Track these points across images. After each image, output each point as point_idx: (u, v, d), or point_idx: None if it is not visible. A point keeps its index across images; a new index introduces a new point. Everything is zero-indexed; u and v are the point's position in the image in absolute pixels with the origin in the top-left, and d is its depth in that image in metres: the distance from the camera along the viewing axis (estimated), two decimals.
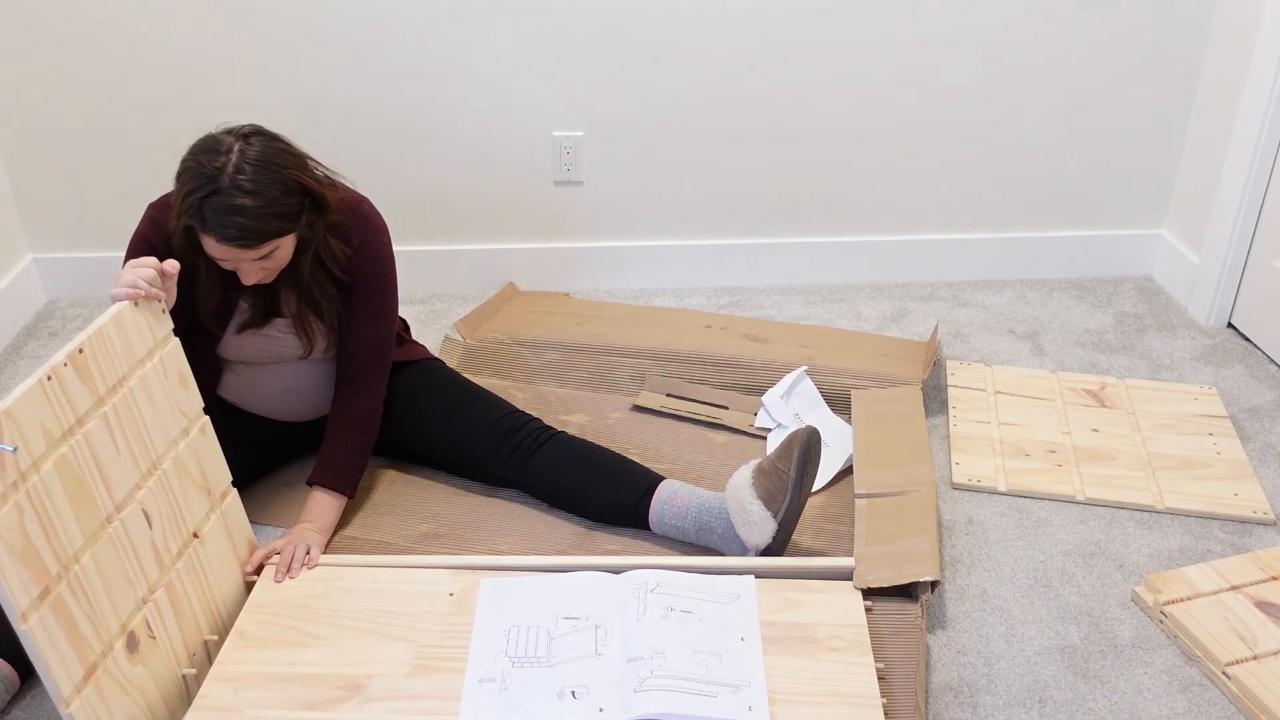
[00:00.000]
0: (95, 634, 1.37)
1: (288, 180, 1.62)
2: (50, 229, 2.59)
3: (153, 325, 1.55)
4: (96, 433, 1.41)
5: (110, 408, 1.44)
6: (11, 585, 1.25)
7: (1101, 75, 2.53)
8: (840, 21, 2.44)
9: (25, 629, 1.27)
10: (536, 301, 2.59)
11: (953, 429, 2.14)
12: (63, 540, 1.34)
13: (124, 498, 1.45)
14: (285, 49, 2.40)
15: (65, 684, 1.31)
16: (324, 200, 1.69)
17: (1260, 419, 2.19)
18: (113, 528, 1.42)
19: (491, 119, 2.51)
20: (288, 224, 1.64)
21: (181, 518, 1.56)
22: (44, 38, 2.36)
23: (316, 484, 1.82)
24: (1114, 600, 1.74)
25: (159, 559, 1.50)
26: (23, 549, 1.27)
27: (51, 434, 1.34)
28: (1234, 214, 2.41)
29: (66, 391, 1.37)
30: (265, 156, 1.61)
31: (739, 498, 1.72)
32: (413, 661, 1.52)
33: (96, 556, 1.39)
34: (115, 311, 1.48)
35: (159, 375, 1.54)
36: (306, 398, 1.92)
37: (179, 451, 1.57)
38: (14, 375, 2.35)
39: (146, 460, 1.50)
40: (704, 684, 1.45)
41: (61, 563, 1.33)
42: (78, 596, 1.35)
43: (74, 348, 1.40)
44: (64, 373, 1.37)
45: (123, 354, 1.48)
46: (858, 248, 2.71)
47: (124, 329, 1.48)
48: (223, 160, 1.58)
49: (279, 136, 1.67)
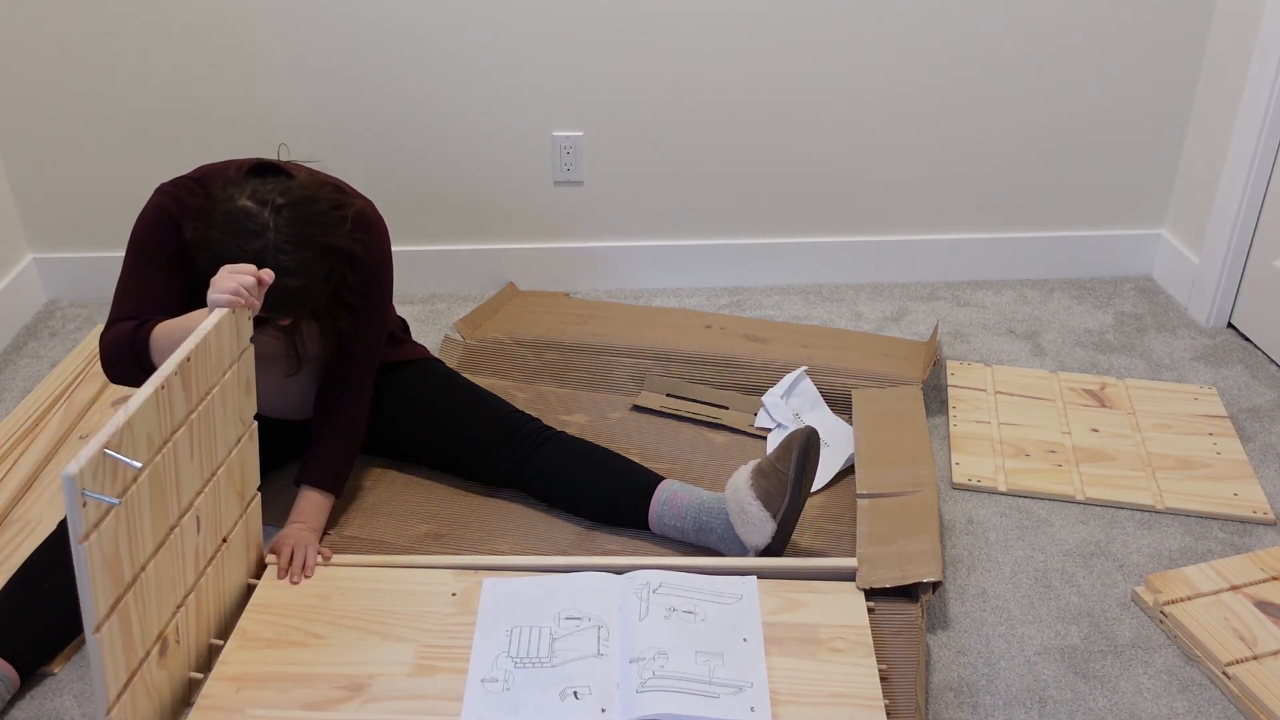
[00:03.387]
0: (141, 641, 1.37)
1: (322, 247, 1.61)
2: (50, 229, 2.59)
3: (240, 334, 1.53)
4: (181, 442, 1.40)
5: (196, 416, 1.43)
6: (97, 595, 1.25)
7: (1101, 75, 2.53)
8: (840, 22, 2.44)
9: (96, 638, 1.26)
10: (536, 301, 2.59)
11: (953, 429, 2.14)
12: (139, 550, 1.33)
13: (187, 505, 1.45)
14: (285, 49, 2.40)
15: (113, 691, 1.32)
16: (353, 253, 1.69)
17: (1260, 419, 2.19)
18: (174, 535, 1.42)
19: (491, 119, 2.51)
20: (327, 284, 1.65)
21: (220, 523, 1.56)
22: (44, 38, 2.36)
23: (307, 483, 1.81)
24: (1114, 600, 1.75)
25: (197, 565, 1.51)
26: (112, 559, 1.27)
27: (154, 443, 1.33)
28: (1234, 214, 2.42)
29: (171, 401, 1.36)
30: (299, 230, 1.58)
31: (738, 498, 1.73)
32: (415, 661, 1.53)
33: (158, 564, 1.39)
34: (217, 319, 1.45)
35: (234, 383, 1.53)
36: (304, 398, 1.92)
37: (232, 458, 1.57)
38: (14, 375, 2.35)
39: (209, 467, 1.50)
40: (706, 684, 1.46)
41: (134, 572, 1.33)
42: (138, 604, 1.35)
43: (183, 356, 1.37)
44: (174, 382, 1.36)
45: (215, 363, 1.46)
46: (858, 248, 2.71)
47: (221, 338, 1.46)
48: (260, 243, 1.55)
49: (304, 198, 1.61)
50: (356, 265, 1.75)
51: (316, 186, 1.66)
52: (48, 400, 2.19)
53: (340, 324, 1.78)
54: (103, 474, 1.23)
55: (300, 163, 1.75)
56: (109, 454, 1.23)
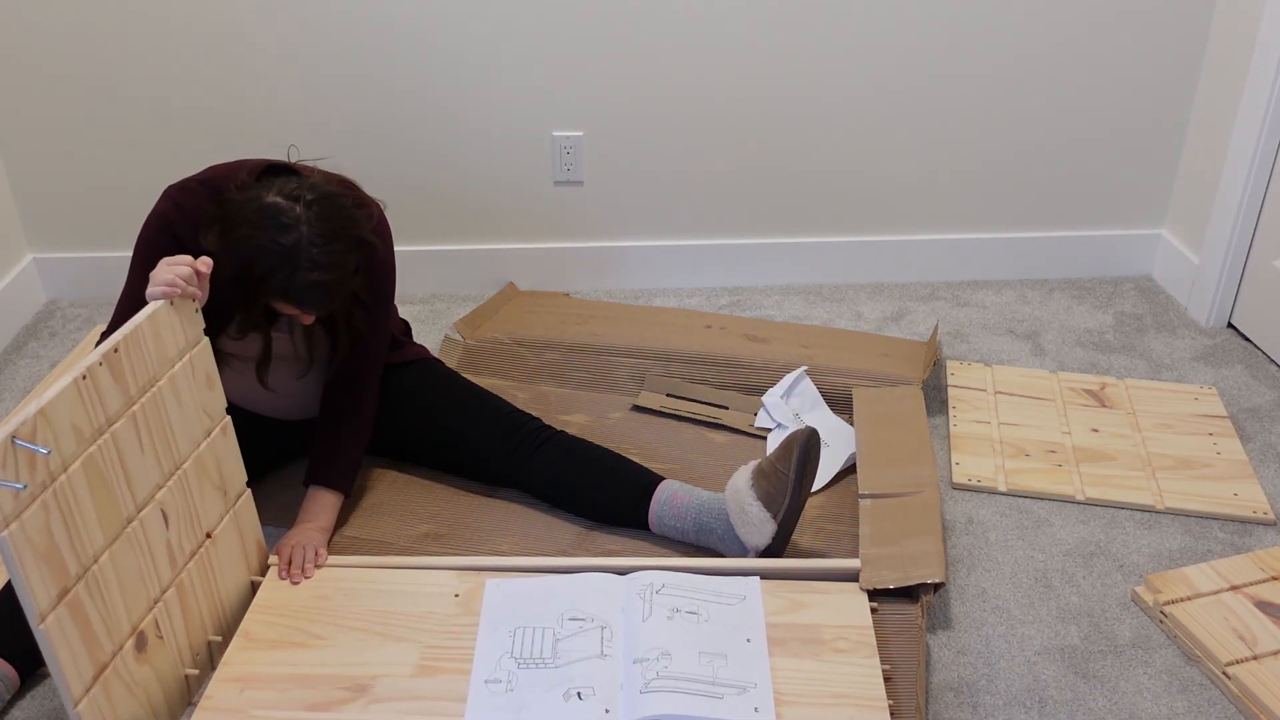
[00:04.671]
0: (108, 634, 1.37)
1: (353, 240, 1.63)
2: (50, 229, 2.58)
3: (185, 325, 1.53)
4: (124, 433, 1.39)
5: (139, 408, 1.42)
6: (33, 585, 1.25)
7: (1101, 75, 2.53)
8: (840, 22, 2.44)
9: (42, 629, 1.26)
10: (536, 301, 2.60)
11: (953, 429, 2.14)
12: (84, 540, 1.33)
13: (145, 498, 1.44)
14: (286, 49, 2.40)
15: (76, 684, 1.31)
16: (375, 249, 1.71)
17: (1260, 419, 2.19)
18: (132, 528, 1.41)
19: (491, 119, 2.51)
20: (355, 278, 1.67)
21: (197, 518, 1.56)
22: (44, 38, 2.36)
23: (317, 483, 1.82)
24: (1114, 600, 1.75)
25: (172, 559, 1.50)
26: (46, 549, 1.27)
27: (82, 434, 1.32)
28: (1234, 214, 2.42)
29: (100, 391, 1.35)
30: (331, 224, 1.60)
31: (738, 498, 1.73)
32: (418, 662, 1.53)
33: (114, 557, 1.38)
34: (151, 311, 1.45)
35: (187, 375, 1.53)
36: (305, 398, 1.92)
37: (200, 452, 1.56)
38: (14, 375, 2.34)
39: (170, 461, 1.49)
40: (710, 685, 1.46)
41: (81, 563, 1.32)
42: (94, 597, 1.34)
43: (109, 347, 1.37)
44: (99, 372, 1.35)
45: (155, 354, 1.46)
46: (858, 248, 2.71)
47: (158, 328, 1.46)
48: (294, 236, 1.56)
49: (331, 193, 1.63)
50: (373, 263, 1.76)
51: (335, 184, 1.68)
52: None
53: (355, 321, 1.79)
54: (11, 461, 1.22)
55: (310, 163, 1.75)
56: (18, 442, 1.23)
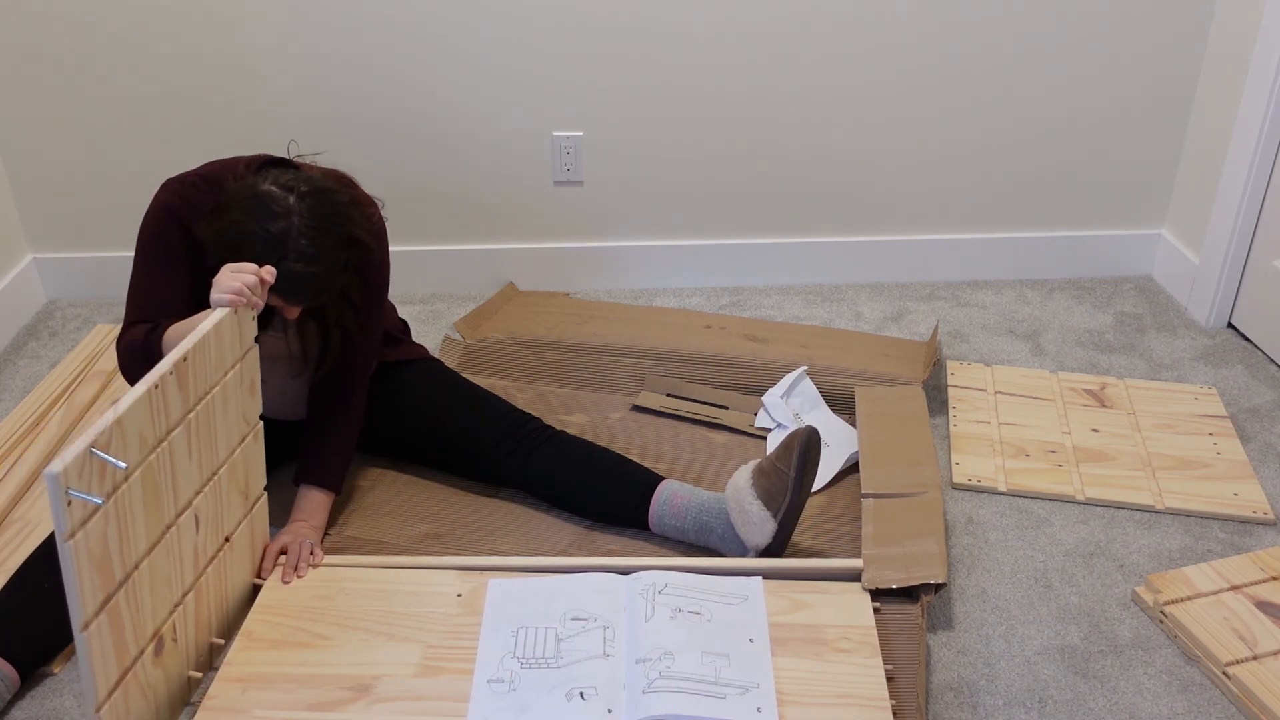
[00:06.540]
0: (134, 639, 1.37)
1: (344, 236, 1.62)
2: (50, 229, 2.58)
3: (243, 334, 1.52)
4: (178, 441, 1.39)
5: (194, 416, 1.42)
6: (84, 593, 1.24)
7: (1101, 75, 2.54)
8: (840, 22, 2.44)
9: (84, 635, 1.26)
10: (536, 301, 2.60)
11: (953, 429, 2.15)
12: (131, 548, 1.33)
13: (184, 504, 1.44)
14: (285, 49, 2.40)
15: (103, 688, 1.31)
16: (369, 248, 1.70)
17: (1260, 419, 2.20)
18: (169, 534, 1.41)
19: (491, 119, 2.51)
20: (344, 275, 1.66)
21: (221, 522, 1.56)
22: (44, 37, 2.35)
23: (308, 483, 1.81)
24: (1114, 600, 1.75)
25: (196, 564, 1.50)
26: (100, 557, 1.26)
27: (146, 443, 1.32)
28: (1234, 214, 2.42)
29: (166, 400, 1.35)
30: (323, 217, 1.58)
31: (739, 498, 1.73)
32: (421, 662, 1.53)
33: (152, 563, 1.38)
34: (217, 319, 1.44)
35: (236, 383, 1.52)
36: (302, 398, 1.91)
37: (234, 457, 1.56)
38: (14, 375, 2.34)
39: (210, 467, 1.49)
40: (713, 685, 1.46)
41: (125, 570, 1.32)
42: (129, 602, 1.34)
43: (179, 356, 1.36)
44: (169, 381, 1.35)
45: (215, 363, 1.45)
46: (858, 248, 2.71)
47: (221, 338, 1.46)
48: (284, 225, 1.55)
49: (326, 188, 1.62)
50: (366, 262, 1.75)
51: (333, 179, 1.67)
52: (48, 400, 2.18)
53: (344, 321, 1.78)
54: (89, 473, 1.22)
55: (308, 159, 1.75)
56: (95, 453, 1.22)
